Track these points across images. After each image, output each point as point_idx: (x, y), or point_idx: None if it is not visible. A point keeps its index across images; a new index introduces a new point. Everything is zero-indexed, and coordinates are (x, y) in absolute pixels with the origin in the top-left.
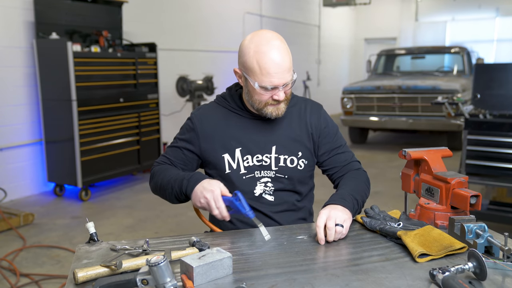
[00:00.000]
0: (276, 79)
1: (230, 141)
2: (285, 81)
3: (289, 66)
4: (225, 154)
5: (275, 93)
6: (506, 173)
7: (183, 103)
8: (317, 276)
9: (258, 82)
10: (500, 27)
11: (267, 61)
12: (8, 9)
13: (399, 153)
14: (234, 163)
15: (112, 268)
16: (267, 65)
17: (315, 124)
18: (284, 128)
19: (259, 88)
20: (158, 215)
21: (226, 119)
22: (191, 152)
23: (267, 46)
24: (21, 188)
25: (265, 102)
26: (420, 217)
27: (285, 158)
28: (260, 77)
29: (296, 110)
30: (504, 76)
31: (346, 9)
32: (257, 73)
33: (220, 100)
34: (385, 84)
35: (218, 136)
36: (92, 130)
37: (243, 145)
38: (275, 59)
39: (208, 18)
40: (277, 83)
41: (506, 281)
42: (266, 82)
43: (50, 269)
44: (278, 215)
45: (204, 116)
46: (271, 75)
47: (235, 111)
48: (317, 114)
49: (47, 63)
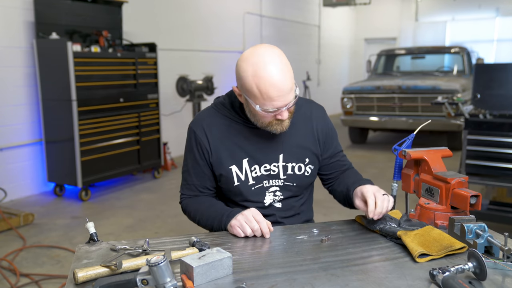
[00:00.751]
0: (279, 102)
1: (236, 152)
2: (287, 102)
3: (291, 86)
4: (233, 165)
5: (279, 113)
6: (506, 173)
7: (183, 103)
8: (317, 276)
9: (260, 106)
10: (500, 27)
11: (267, 86)
12: (8, 9)
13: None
14: (242, 174)
15: (112, 268)
16: (267, 90)
17: (321, 128)
18: (290, 135)
19: (261, 111)
20: (158, 215)
21: (229, 128)
22: (208, 167)
23: (266, 69)
24: (21, 188)
25: (269, 122)
26: (420, 217)
27: (293, 165)
28: (262, 101)
29: (301, 114)
30: (504, 76)
31: (346, 9)
32: (258, 97)
33: (220, 108)
34: (385, 84)
35: (223, 147)
36: (92, 130)
37: (249, 155)
38: (275, 83)
39: (208, 18)
40: (279, 106)
41: (506, 281)
42: (268, 106)
43: (50, 269)
44: (286, 220)
45: (207, 127)
46: (273, 99)
47: (237, 120)
48: (323, 118)
49: (47, 63)
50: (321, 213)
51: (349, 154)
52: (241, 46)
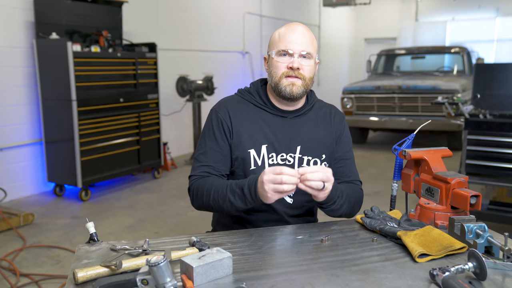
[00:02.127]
0: (294, 44)
1: (256, 137)
2: (301, 48)
3: (309, 42)
4: (251, 149)
5: (291, 62)
6: (506, 173)
7: (183, 103)
8: (317, 276)
9: (275, 49)
10: (500, 27)
11: (287, 31)
12: (8, 9)
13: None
14: (259, 159)
15: (112, 268)
16: (286, 33)
17: (340, 131)
18: (310, 129)
19: (276, 56)
20: (158, 215)
21: (252, 113)
22: (227, 149)
23: (293, 24)
24: (21, 188)
25: (281, 73)
26: (420, 217)
27: (309, 159)
28: (278, 43)
29: (322, 113)
30: (504, 76)
31: (346, 9)
32: (276, 42)
33: (244, 94)
34: (385, 84)
35: (245, 129)
36: (92, 130)
37: (269, 142)
38: (296, 30)
39: (208, 18)
40: (291, 47)
41: (506, 281)
42: (282, 46)
43: (50, 269)
44: (293, 220)
45: (231, 109)
46: (288, 41)
47: (260, 106)
48: (342, 123)
49: (47, 63)
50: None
51: None
52: (241, 46)
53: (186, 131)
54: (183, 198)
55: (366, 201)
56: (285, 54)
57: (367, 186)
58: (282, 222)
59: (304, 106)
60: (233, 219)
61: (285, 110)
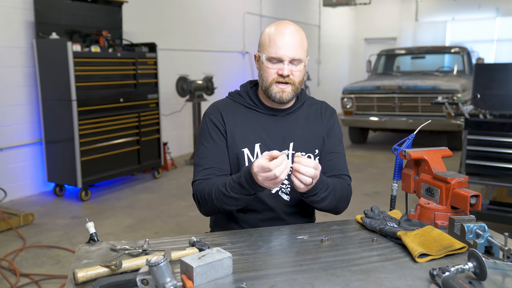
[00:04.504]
0: (283, 50)
1: (249, 136)
2: (291, 54)
3: (299, 45)
4: (245, 148)
5: (281, 69)
6: (506, 173)
7: (183, 103)
8: (317, 276)
9: (266, 54)
10: (500, 27)
11: (277, 35)
12: (8, 9)
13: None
14: (253, 158)
15: (112, 268)
16: (276, 37)
17: (330, 124)
18: (302, 125)
19: (266, 61)
20: (158, 215)
21: (244, 114)
22: (225, 147)
23: (283, 25)
24: (21, 188)
25: (272, 79)
26: (420, 217)
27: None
28: (268, 48)
29: (313, 109)
30: (504, 76)
31: (346, 9)
32: (266, 45)
33: (235, 97)
34: (385, 84)
35: (238, 129)
36: (92, 130)
37: (262, 141)
38: (285, 34)
39: (208, 18)
40: (281, 54)
41: (506, 281)
42: (272, 53)
43: (50, 269)
44: (291, 218)
45: (223, 110)
46: (278, 46)
47: (251, 107)
48: (332, 118)
49: (47, 63)
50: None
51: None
52: (241, 46)
53: (186, 131)
54: (183, 198)
55: (366, 201)
56: (275, 62)
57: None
58: (280, 220)
59: (294, 104)
60: (230, 219)
61: (276, 109)
